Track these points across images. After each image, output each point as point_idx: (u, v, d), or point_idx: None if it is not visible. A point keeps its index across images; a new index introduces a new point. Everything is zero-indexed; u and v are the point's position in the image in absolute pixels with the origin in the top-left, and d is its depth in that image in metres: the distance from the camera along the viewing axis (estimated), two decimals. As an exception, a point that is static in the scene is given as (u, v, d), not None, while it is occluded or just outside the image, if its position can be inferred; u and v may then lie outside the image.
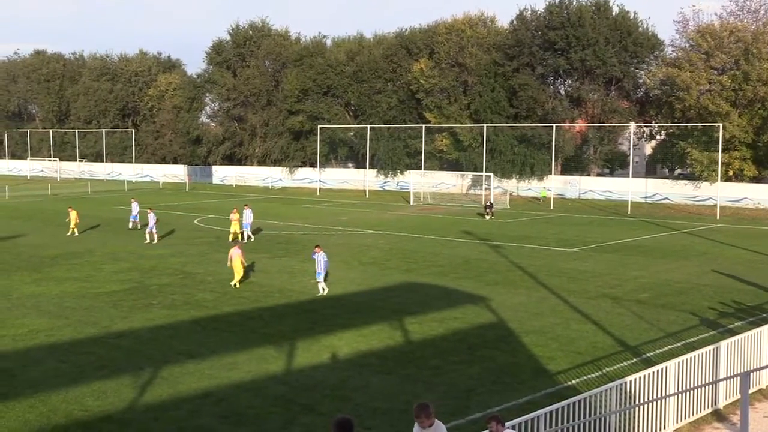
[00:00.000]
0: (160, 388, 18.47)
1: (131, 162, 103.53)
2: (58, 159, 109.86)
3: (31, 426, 16.31)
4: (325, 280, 28.84)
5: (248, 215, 43.61)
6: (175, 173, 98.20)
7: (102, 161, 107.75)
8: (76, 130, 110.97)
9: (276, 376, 19.41)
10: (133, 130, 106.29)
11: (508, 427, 11.56)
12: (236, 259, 29.59)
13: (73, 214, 45.93)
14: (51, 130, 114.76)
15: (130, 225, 48.29)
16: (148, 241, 42.12)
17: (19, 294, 29.38)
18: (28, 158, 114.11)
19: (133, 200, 51.42)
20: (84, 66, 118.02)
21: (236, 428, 16.03)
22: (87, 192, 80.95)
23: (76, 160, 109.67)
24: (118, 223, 51.67)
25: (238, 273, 29.80)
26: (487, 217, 56.02)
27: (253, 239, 42.74)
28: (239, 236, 41.82)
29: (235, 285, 29.74)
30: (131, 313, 26.03)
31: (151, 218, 42.82)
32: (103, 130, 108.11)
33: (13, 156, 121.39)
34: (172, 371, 19.69)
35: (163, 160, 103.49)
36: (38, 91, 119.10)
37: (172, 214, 56.44)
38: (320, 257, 28.58)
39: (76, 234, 45.02)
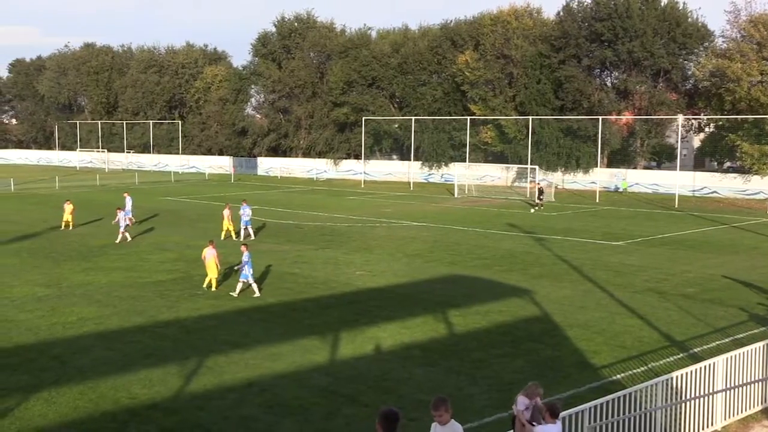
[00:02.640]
0: (205, 378, 18.61)
1: (178, 153, 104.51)
2: (106, 150, 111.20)
3: (81, 412, 16.53)
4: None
5: (246, 211, 41.99)
6: (221, 164, 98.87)
7: (149, 152, 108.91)
8: (124, 122, 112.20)
9: (320, 366, 19.46)
10: (180, 121, 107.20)
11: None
12: (210, 259, 28.36)
13: (68, 208, 45.52)
14: (99, 122, 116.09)
15: (128, 221, 44.85)
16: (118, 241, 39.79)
17: (69, 283, 29.80)
18: (78, 149, 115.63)
19: (126, 194, 48.98)
20: (132, 58, 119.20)
21: (280, 419, 16.09)
22: (134, 183, 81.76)
23: (123, 152, 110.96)
24: (164, 214, 52.19)
25: (212, 274, 28.39)
26: (541, 204, 56.21)
27: (253, 237, 40.85)
28: (232, 234, 40.83)
29: (208, 287, 28.24)
30: (177, 303, 26.26)
31: (122, 215, 40.75)
32: (150, 121, 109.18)
33: (63, 147, 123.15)
34: (217, 361, 19.85)
35: (209, 152, 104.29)
36: (87, 83, 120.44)
37: (217, 205, 56.82)
38: (245, 256, 27.66)
39: (70, 228, 44.41)
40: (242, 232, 41.16)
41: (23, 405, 17.00)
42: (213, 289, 28.02)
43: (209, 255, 28.24)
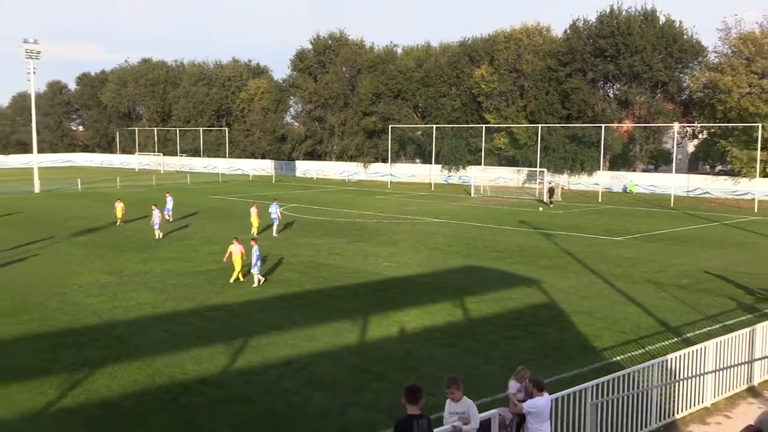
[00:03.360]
0: (249, 356, 18.79)
1: (225, 157, 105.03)
2: (161, 154, 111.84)
3: (139, 385, 16.75)
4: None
5: (276, 210, 41.61)
6: (263, 167, 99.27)
7: (199, 156, 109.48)
8: (177, 129, 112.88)
9: (350, 347, 19.59)
10: (226, 128, 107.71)
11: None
12: (236, 254, 27.95)
13: (119, 206, 45.65)
14: (155, 129, 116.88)
15: (167, 218, 45.68)
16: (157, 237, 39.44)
17: (128, 271, 30.13)
18: (136, 153, 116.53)
19: (168, 194, 49.33)
20: (184, 72, 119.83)
21: (316, 392, 16.22)
22: (186, 183, 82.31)
23: (176, 155, 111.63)
24: (213, 211, 52.51)
25: (238, 267, 27.96)
26: (552, 202, 57.60)
27: (276, 235, 40.26)
28: (255, 230, 40.15)
29: (236, 280, 27.81)
30: (224, 290, 26.49)
31: (156, 213, 40.46)
32: (200, 128, 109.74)
33: (123, 151, 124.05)
34: (259, 341, 20.02)
35: (252, 156, 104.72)
36: (145, 94, 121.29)
37: (260, 203, 57.14)
38: (255, 250, 27.63)
39: (119, 224, 44.51)
40: (274, 228, 41.04)
41: (90, 378, 17.26)
42: (241, 280, 27.73)
43: (235, 250, 28.02)
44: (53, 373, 17.67)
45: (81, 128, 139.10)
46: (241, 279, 27.85)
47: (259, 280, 27.46)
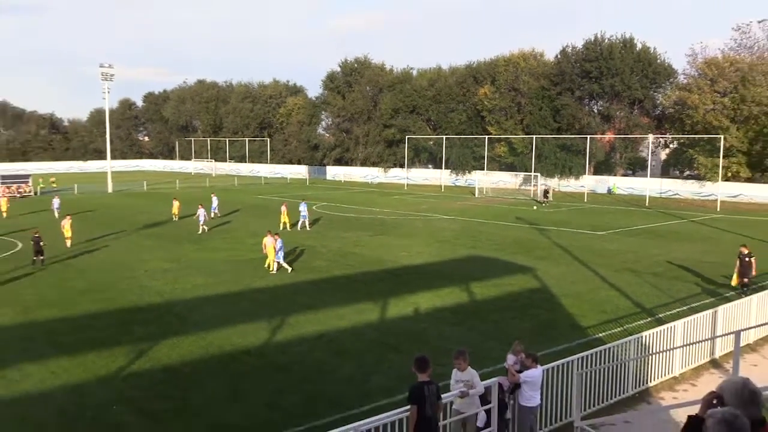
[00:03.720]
0: (286, 331, 18.89)
1: (266, 163, 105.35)
2: (213, 160, 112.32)
3: (195, 354, 16.92)
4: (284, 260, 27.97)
5: (304, 208, 41.26)
6: (299, 171, 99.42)
7: (245, 162, 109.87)
8: (227, 139, 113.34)
9: (372, 324, 19.66)
10: (268, 139, 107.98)
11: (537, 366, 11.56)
12: (270, 246, 27.69)
13: (176, 204, 45.63)
14: (208, 139, 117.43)
15: (212, 215, 45.42)
16: (200, 232, 38.80)
17: (186, 259, 30.37)
18: (192, 159, 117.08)
19: (213, 195, 49.28)
20: (233, 91, 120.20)
21: (342, 362, 16.29)
22: (234, 184, 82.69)
23: (226, 161, 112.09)
24: (255, 208, 52.71)
25: (271, 257, 27.63)
26: (547, 202, 57.55)
27: (308, 229, 40.02)
28: (288, 226, 39.86)
29: (269, 267, 27.59)
30: (266, 275, 26.66)
31: (202, 213, 39.97)
32: (246, 139, 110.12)
33: (182, 157, 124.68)
34: (296, 318, 20.13)
35: (289, 162, 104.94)
36: (200, 110, 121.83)
37: (296, 202, 57.25)
38: (279, 243, 27.59)
39: (176, 220, 44.26)
40: (300, 224, 40.56)
41: (154, 348, 17.42)
42: (274, 271, 27.31)
43: (269, 242, 27.85)
44: (123, 343, 17.86)
45: (146, 138, 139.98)
46: (272, 270, 27.48)
47: (284, 267, 27.35)
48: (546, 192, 60.05)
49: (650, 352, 14.50)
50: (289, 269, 27.37)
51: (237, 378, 15.32)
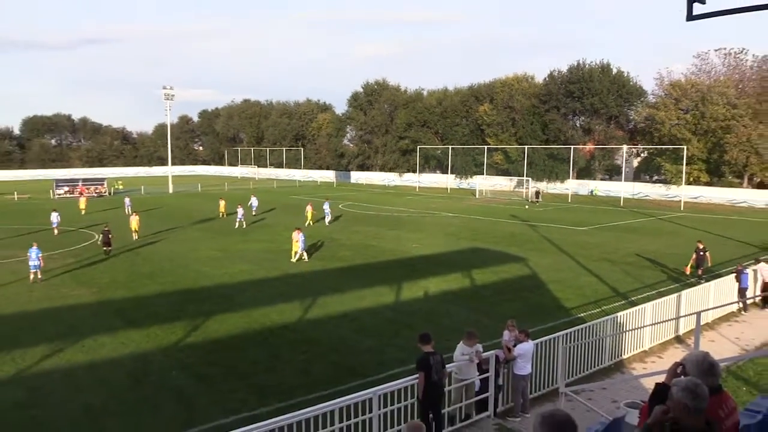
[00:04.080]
0: (316, 310, 18.92)
1: (300, 168, 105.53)
2: (256, 166, 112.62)
3: (240, 329, 16.98)
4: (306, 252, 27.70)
5: (327, 206, 40.83)
6: (328, 176, 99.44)
7: (282, 168, 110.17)
8: (267, 148, 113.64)
9: (388, 305, 19.64)
10: (302, 148, 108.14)
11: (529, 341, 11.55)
12: (296, 239, 27.38)
13: (222, 203, 45.39)
14: (252, 148, 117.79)
15: (252, 213, 45.31)
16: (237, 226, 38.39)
17: (233, 249, 30.49)
18: (239, 165, 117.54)
19: (253, 195, 48.55)
20: (273, 108, 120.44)
21: (363, 338, 16.29)
22: (273, 186, 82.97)
23: (267, 167, 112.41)
24: (290, 207, 52.81)
25: (295, 248, 27.35)
26: (538, 201, 57.79)
27: (328, 225, 39.48)
28: (311, 222, 39.40)
29: (295, 257, 27.19)
30: (299, 264, 26.70)
31: (240, 211, 39.53)
32: (284, 148, 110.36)
33: (230, 164, 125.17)
34: (324, 300, 20.15)
35: (320, 167, 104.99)
36: (244, 124, 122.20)
37: (323, 202, 57.34)
38: (301, 237, 27.31)
39: (224, 217, 43.42)
40: (327, 220, 40.22)
41: (206, 323, 17.52)
42: (294, 260, 26.96)
43: (295, 236, 27.59)
44: (180, 319, 17.97)
45: (201, 148, 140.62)
46: (293, 259, 27.20)
47: (303, 257, 27.12)
48: (537, 193, 60.28)
49: (624, 329, 14.39)
50: (306, 259, 27.14)
51: (275, 349, 15.37)
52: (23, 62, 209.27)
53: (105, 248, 28.56)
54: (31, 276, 23.45)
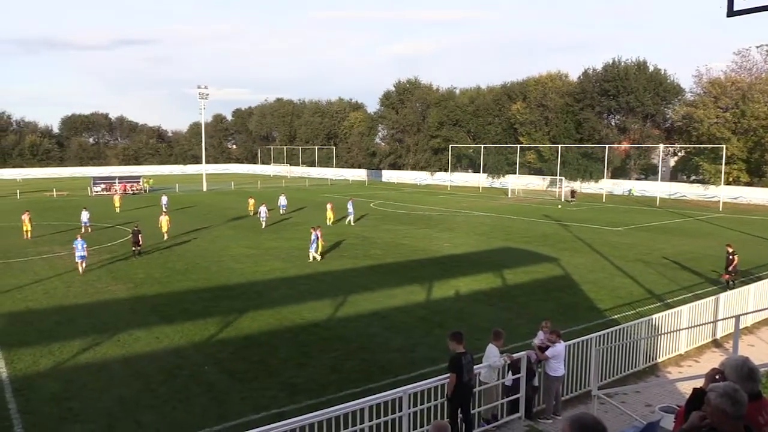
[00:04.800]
0: (347, 308, 18.97)
1: (332, 167, 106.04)
2: (288, 164, 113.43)
3: (272, 326, 17.12)
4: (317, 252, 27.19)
5: (351, 206, 40.24)
6: (359, 174, 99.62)
7: (314, 166, 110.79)
8: (300, 147, 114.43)
9: (419, 303, 19.60)
10: (334, 147, 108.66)
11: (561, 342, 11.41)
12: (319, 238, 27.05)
13: (251, 201, 45.39)
14: (285, 147, 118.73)
15: (281, 212, 45.15)
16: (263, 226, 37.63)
17: (264, 246, 30.76)
18: (271, 164, 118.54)
19: (282, 195, 48.25)
20: (305, 107, 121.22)
21: (394, 335, 16.28)
22: (305, 185, 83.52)
23: (299, 165, 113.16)
24: (322, 205, 52.98)
25: (320, 247, 27.15)
26: (573, 200, 57.39)
27: (353, 224, 39.08)
28: (330, 222, 38.84)
29: (317, 257, 26.91)
30: (330, 261, 26.78)
31: (263, 210, 38.72)
32: (316, 147, 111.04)
33: (263, 162, 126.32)
34: (355, 298, 20.19)
35: (351, 166, 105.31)
36: (277, 123, 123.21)
37: (357, 200, 57.43)
38: (316, 235, 26.99)
39: (253, 215, 42.62)
40: (351, 219, 39.57)
41: (238, 320, 17.70)
42: (319, 259, 26.75)
43: (318, 234, 27.22)
44: (213, 315, 18.19)
45: (234, 146, 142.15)
46: (319, 258, 26.84)
47: (314, 257, 26.74)
48: (573, 192, 60.01)
49: (659, 332, 14.12)
50: (310, 258, 26.68)
51: (306, 346, 15.45)
52: (63, 62, 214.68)
53: (134, 248, 28.15)
54: (79, 267, 24.62)
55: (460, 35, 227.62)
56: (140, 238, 28.22)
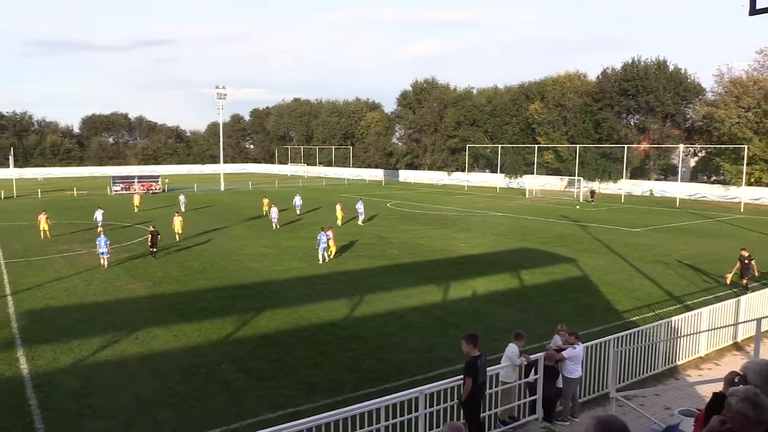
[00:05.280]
0: (364, 308, 18.97)
1: (349, 167, 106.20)
2: (305, 164, 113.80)
3: (288, 325, 17.17)
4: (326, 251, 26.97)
5: (361, 206, 40.07)
6: (376, 174, 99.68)
7: (331, 166, 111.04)
8: (317, 147, 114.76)
9: (436, 304, 19.55)
10: (351, 147, 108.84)
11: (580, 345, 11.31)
12: (323, 238, 26.69)
13: (265, 201, 45.37)
14: (302, 147, 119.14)
15: (297, 212, 44.80)
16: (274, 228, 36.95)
17: (281, 246, 30.88)
18: (288, 163, 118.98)
19: (297, 195, 47.85)
20: (322, 107, 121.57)
21: (410, 335, 16.26)
22: (322, 185, 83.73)
23: (316, 165, 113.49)
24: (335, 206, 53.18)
25: (333, 248, 27.19)
26: (593, 200, 57.39)
27: (361, 223, 38.90)
28: (340, 222, 38.23)
29: (327, 258, 26.64)
30: (347, 261, 26.81)
31: (274, 211, 38.22)
32: (333, 147, 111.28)
33: (280, 162, 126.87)
34: (371, 297, 20.19)
35: (368, 166, 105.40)
36: (295, 123, 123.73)
37: (373, 200, 57.48)
38: (327, 236, 26.76)
39: (267, 215, 41.89)
40: (360, 219, 39.21)
41: (255, 319, 17.78)
42: (328, 259, 26.58)
43: (322, 237, 26.82)
44: (230, 314, 18.29)
45: (252, 146, 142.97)
46: (329, 258, 26.72)
47: (324, 259, 26.47)
48: (592, 192, 59.89)
49: (679, 334, 13.95)
50: (320, 260, 26.38)
51: (322, 345, 15.48)
52: (83, 63, 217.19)
53: (151, 249, 27.68)
54: (103, 262, 25.62)
55: (477, 35, 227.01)
56: (158, 239, 27.81)
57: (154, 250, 27.73)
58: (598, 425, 3.56)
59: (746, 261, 21.47)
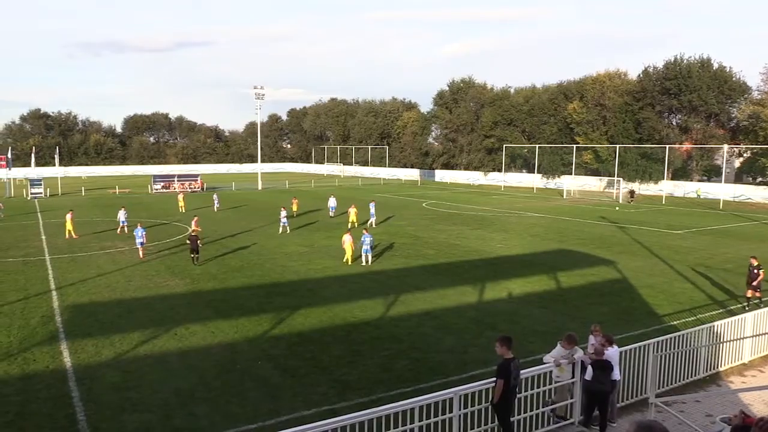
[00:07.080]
0: (399, 307, 18.96)
1: (385, 166, 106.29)
2: (342, 164, 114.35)
3: (324, 323, 17.26)
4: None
5: (373, 208, 38.54)
6: (412, 174, 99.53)
7: (368, 166, 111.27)
8: (353, 147, 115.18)
9: (471, 304, 19.43)
10: (387, 147, 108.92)
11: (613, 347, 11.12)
12: (347, 242, 26.05)
13: (295, 201, 45.12)
14: (338, 146, 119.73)
15: (330, 214, 43.67)
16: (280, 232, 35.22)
17: (317, 245, 31.05)
18: (325, 163, 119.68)
19: (331, 195, 46.79)
20: (358, 107, 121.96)
21: (445, 336, 16.19)
22: (358, 184, 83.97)
23: (352, 165, 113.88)
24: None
25: (348, 253, 26.01)
26: (632, 201, 57.19)
27: (374, 225, 37.29)
28: (355, 225, 36.21)
29: (347, 261, 25.98)
30: (382, 261, 26.83)
31: (283, 213, 36.47)
32: (369, 146, 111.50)
33: (317, 161, 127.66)
34: (406, 297, 20.17)
35: (404, 166, 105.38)
36: (331, 123, 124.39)
37: (409, 200, 57.40)
38: (347, 239, 26.12)
39: (295, 216, 41.72)
40: (369, 222, 37.30)
41: (291, 317, 17.92)
42: (349, 263, 25.84)
43: (347, 240, 26.23)
44: (267, 311, 18.48)
45: (289, 146, 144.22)
46: (350, 262, 26.02)
47: (367, 260, 25.92)
48: (632, 192, 59.25)
49: (721, 340, 13.59)
50: (363, 262, 25.91)
51: (357, 344, 15.52)
52: (126, 64, 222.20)
53: (192, 255, 26.07)
54: (140, 252, 27.09)
55: (514, 34, 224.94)
56: (199, 244, 26.30)
57: (196, 255, 26.00)
58: (639, 429, 3.50)
59: (755, 271, 19.60)
